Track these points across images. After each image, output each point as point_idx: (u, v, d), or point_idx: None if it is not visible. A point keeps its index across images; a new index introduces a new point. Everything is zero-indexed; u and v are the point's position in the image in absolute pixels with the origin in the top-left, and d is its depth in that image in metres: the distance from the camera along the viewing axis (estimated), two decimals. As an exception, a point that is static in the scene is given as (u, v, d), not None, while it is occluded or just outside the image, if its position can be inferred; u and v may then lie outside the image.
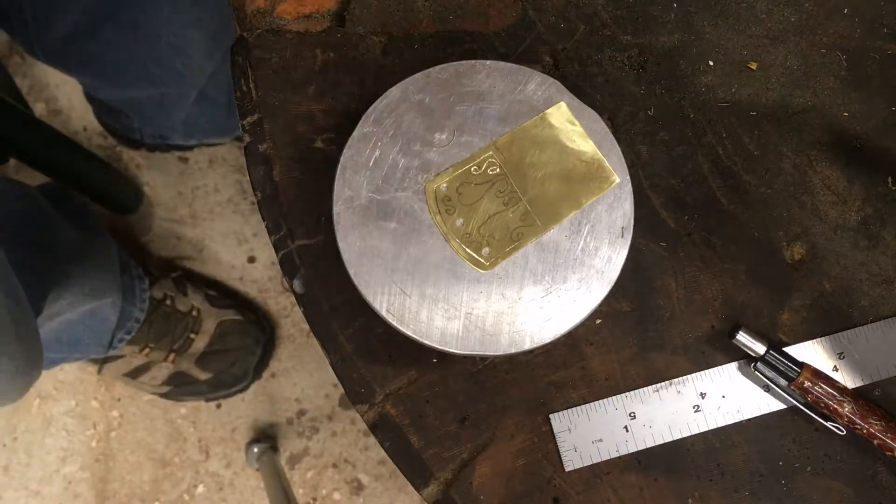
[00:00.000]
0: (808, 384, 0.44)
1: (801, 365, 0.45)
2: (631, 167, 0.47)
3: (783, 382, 0.45)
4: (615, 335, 0.47)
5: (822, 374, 0.45)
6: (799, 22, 0.49)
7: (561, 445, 0.46)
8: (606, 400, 0.46)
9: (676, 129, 0.48)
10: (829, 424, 0.45)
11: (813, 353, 0.46)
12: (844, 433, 0.45)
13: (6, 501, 1.09)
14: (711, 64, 0.48)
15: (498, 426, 0.46)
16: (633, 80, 0.48)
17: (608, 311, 0.47)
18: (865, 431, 0.44)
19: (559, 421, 0.46)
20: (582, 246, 0.41)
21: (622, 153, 0.42)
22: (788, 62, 0.49)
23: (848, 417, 0.44)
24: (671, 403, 0.46)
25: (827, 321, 0.47)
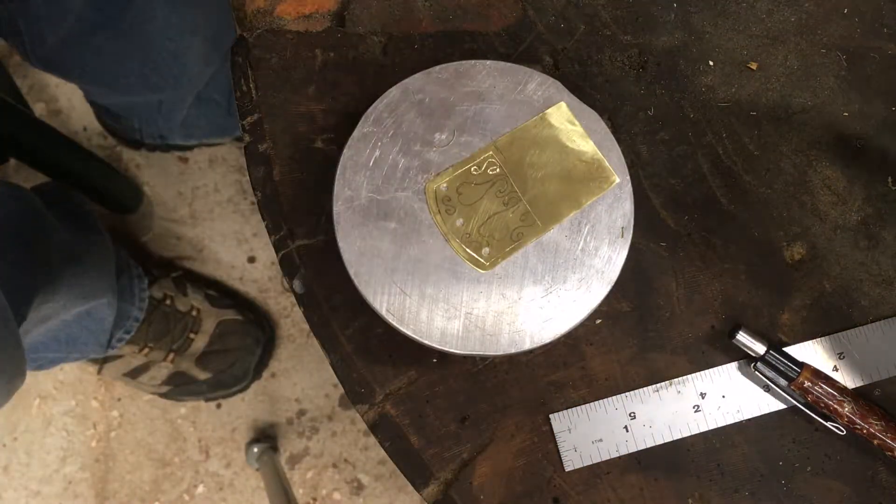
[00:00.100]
0: (808, 384, 0.44)
1: (801, 365, 0.45)
2: (631, 167, 0.47)
3: (783, 382, 0.45)
4: (615, 335, 0.47)
5: (822, 374, 0.45)
6: (799, 22, 0.49)
7: (561, 445, 0.46)
8: (606, 400, 0.46)
9: (676, 129, 0.48)
10: (829, 424, 0.45)
11: (813, 353, 0.46)
12: (844, 433, 0.45)
13: (6, 501, 1.09)
14: (711, 64, 0.48)
15: (498, 426, 0.46)
16: (633, 80, 0.48)
17: (608, 311, 0.47)
18: (865, 431, 0.44)
19: (559, 421, 0.46)
20: (582, 246, 0.41)
21: (622, 153, 0.42)
22: (788, 62, 0.49)
23: (848, 417, 0.44)
24: (671, 403, 0.46)
25: (827, 321, 0.47)
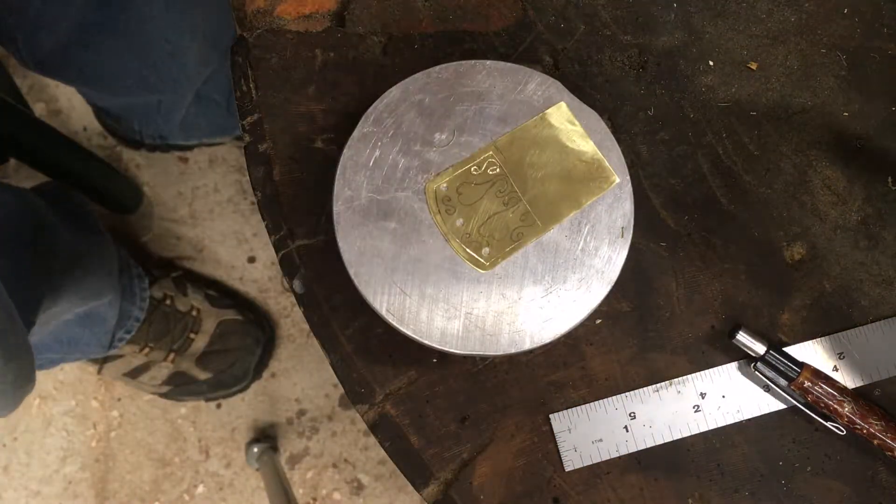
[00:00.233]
0: (808, 384, 0.44)
1: (801, 365, 0.45)
2: (631, 167, 0.47)
3: (783, 382, 0.45)
4: (615, 335, 0.47)
5: (822, 374, 0.45)
6: (799, 22, 0.49)
7: (561, 445, 0.46)
8: (606, 400, 0.46)
9: (676, 129, 0.48)
10: (829, 424, 0.45)
11: (813, 353, 0.46)
12: (844, 433, 0.45)
13: (6, 501, 1.09)
14: (711, 64, 0.48)
15: (498, 426, 0.46)
16: (633, 80, 0.48)
17: (608, 311, 0.47)
18: (865, 431, 0.44)
19: (559, 421, 0.46)
20: (582, 246, 0.41)
21: (622, 153, 0.42)
22: (788, 62, 0.49)
23: (848, 417, 0.44)
24: (671, 403, 0.46)
25: (827, 321, 0.47)
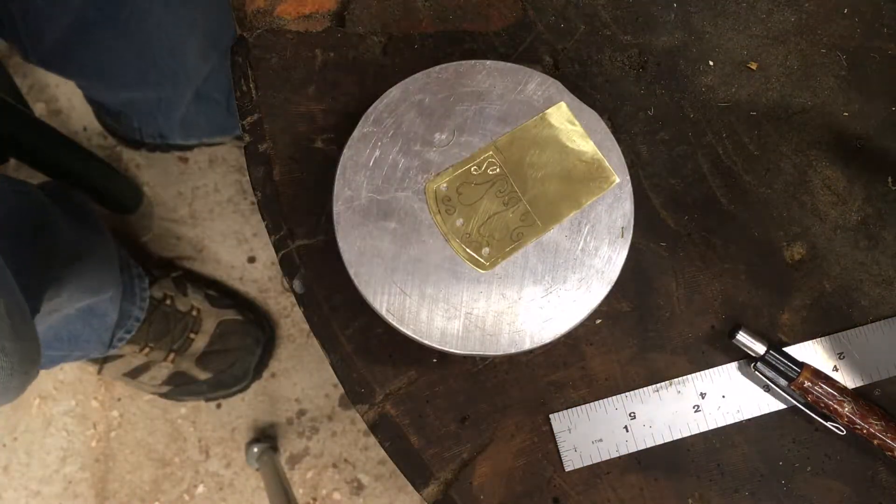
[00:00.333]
0: (808, 384, 0.44)
1: (801, 365, 0.45)
2: (631, 167, 0.47)
3: (783, 382, 0.45)
4: (615, 335, 0.47)
5: (822, 374, 0.45)
6: (799, 22, 0.49)
7: (561, 445, 0.46)
8: (606, 400, 0.46)
9: (676, 129, 0.48)
10: (829, 424, 0.45)
11: (813, 353, 0.46)
12: (844, 433, 0.45)
13: (6, 501, 1.09)
14: (711, 64, 0.48)
15: (498, 426, 0.46)
16: (633, 80, 0.48)
17: (608, 311, 0.47)
18: (865, 431, 0.44)
19: (559, 421, 0.46)
20: (582, 246, 0.41)
21: (622, 153, 0.42)
22: (788, 62, 0.49)
23: (848, 417, 0.44)
24: (671, 403, 0.46)
25: (827, 321, 0.47)
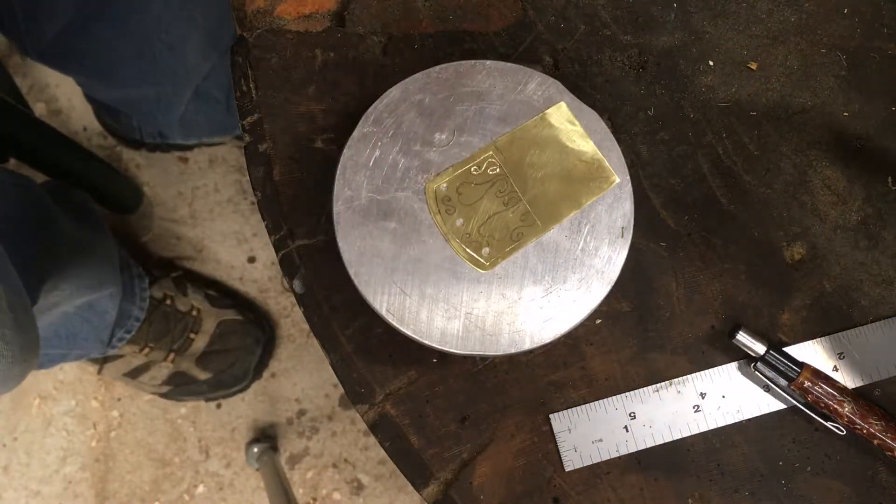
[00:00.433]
0: (808, 384, 0.44)
1: (801, 365, 0.45)
2: (631, 167, 0.47)
3: (783, 382, 0.45)
4: (615, 335, 0.47)
5: (822, 374, 0.45)
6: (799, 22, 0.49)
7: (561, 445, 0.46)
8: (606, 400, 0.46)
9: (676, 129, 0.48)
10: (829, 424, 0.45)
11: (813, 353, 0.46)
12: (844, 433, 0.45)
13: (6, 501, 1.09)
14: (711, 64, 0.48)
15: (498, 426, 0.46)
16: (633, 80, 0.48)
17: (608, 311, 0.47)
18: (865, 431, 0.44)
19: (559, 421, 0.46)
20: (582, 246, 0.41)
21: (622, 153, 0.42)
22: (788, 62, 0.49)
23: (848, 417, 0.44)
24: (671, 403, 0.46)
25: (827, 321, 0.47)
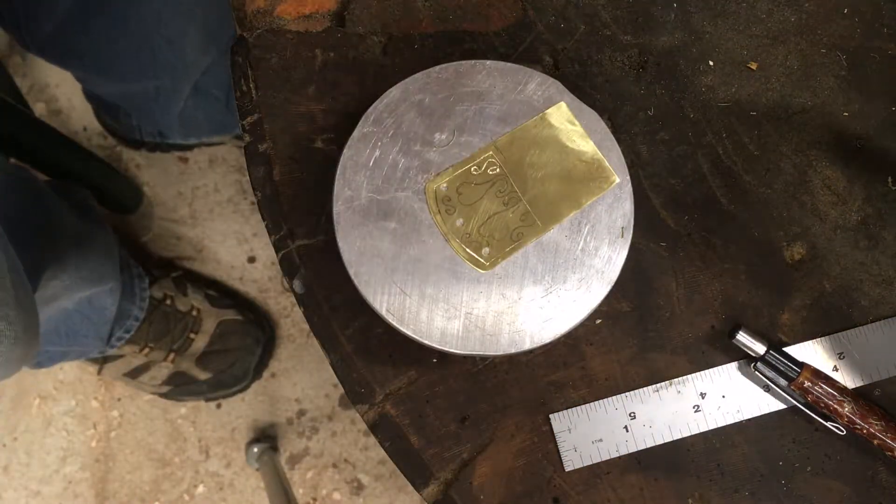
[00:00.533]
0: (808, 384, 0.44)
1: (801, 365, 0.45)
2: (631, 167, 0.47)
3: (783, 382, 0.45)
4: (615, 335, 0.47)
5: (822, 374, 0.45)
6: (799, 22, 0.49)
7: (561, 445, 0.46)
8: (606, 400, 0.46)
9: (676, 129, 0.48)
10: (829, 424, 0.45)
11: (813, 353, 0.46)
12: (844, 433, 0.45)
13: (6, 501, 1.09)
14: (711, 64, 0.48)
15: (498, 426, 0.46)
16: (633, 80, 0.48)
17: (608, 311, 0.47)
18: (865, 431, 0.44)
19: (559, 421, 0.46)
20: (582, 246, 0.41)
21: (622, 153, 0.42)
22: (788, 62, 0.49)
23: (848, 417, 0.44)
24: (671, 403, 0.46)
25: (827, 321, 0.47)
